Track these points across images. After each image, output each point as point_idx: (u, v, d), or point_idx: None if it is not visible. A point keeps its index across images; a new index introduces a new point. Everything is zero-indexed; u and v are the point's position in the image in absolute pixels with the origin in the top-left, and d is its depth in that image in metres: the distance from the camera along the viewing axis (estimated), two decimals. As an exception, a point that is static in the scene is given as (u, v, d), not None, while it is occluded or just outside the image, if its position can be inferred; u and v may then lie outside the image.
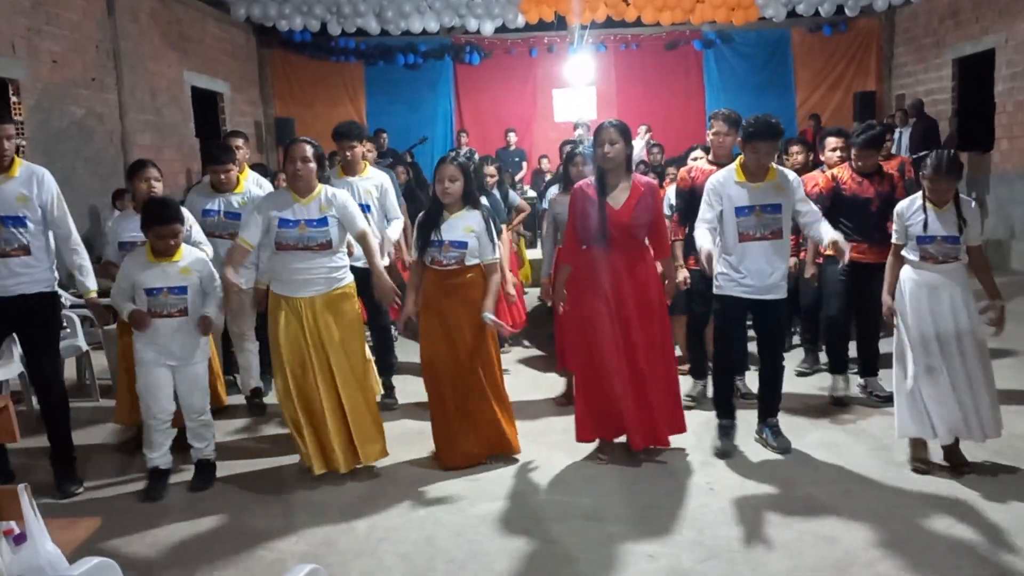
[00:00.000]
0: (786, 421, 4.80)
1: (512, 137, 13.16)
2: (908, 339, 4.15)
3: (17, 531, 2.30)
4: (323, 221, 4.26)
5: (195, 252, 4.40)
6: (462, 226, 4.39)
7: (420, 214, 4.60)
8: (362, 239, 4.43)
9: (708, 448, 4.60)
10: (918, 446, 4.24)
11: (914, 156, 10.91)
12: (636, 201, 4.30)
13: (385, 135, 13.13)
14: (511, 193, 7.60)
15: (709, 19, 12.02)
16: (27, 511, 2.30)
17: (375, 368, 5.09)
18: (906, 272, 4.22)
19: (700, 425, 4.90)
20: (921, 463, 4.20)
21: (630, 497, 4.03)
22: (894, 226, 4.28)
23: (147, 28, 10.14)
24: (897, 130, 11.70)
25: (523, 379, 6.22)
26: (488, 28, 12.30)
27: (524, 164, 13.35)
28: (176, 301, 4.22)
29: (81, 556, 2.28)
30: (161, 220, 4.15)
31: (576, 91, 14.36)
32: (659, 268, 4.52)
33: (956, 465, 4.16)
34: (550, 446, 4.69)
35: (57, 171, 7.54)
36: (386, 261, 5.25)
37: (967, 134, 11.81)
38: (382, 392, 5.46)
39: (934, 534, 3.53)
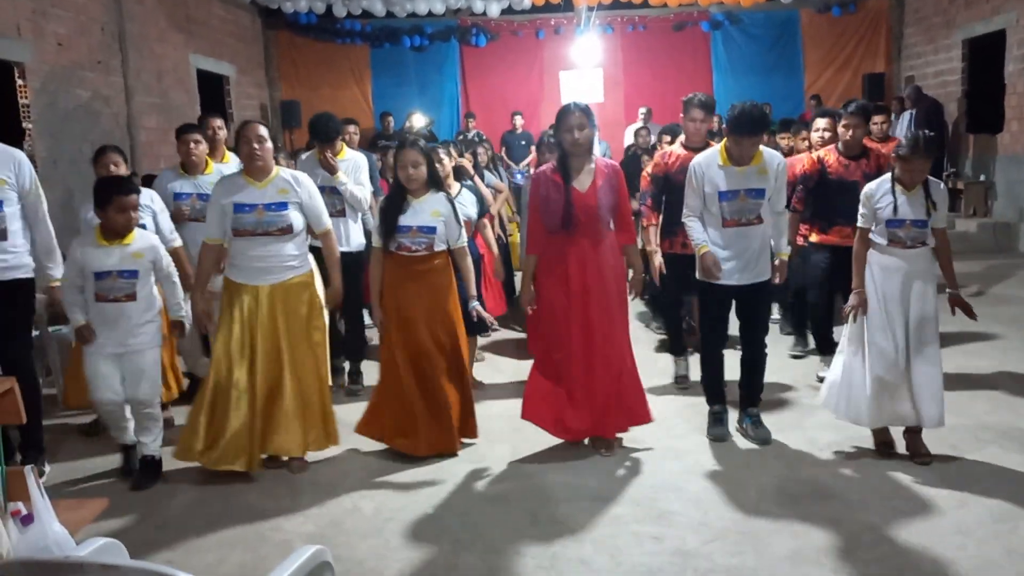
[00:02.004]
0: (788, 405, 4.81)
1: (519, 120, 13.10)
2: (868, 325, 4.06)
3: (24, 512, 2.32)
4: (282, 205, 4.11)
5: (148, 236, 4.27)
6: (429, 210, 4.31)
7: (381, 199, 4.52)
8: (325, 238, 4.34)
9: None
10: (881, 430, 4.22)
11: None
12: (601, 183, 4.23)
13: (391, 118, 13.11)
14: (487, 175, 7.54)
15: (716, 0, 11.92)
16: (34, 492, 2.32)
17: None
18: (872, 256, 4.10)
19: (704, 406, 4.90)
20: (885, 446, 4.19)
21: (635, 479, 4.04)
22: (861, 209, 4.13)
23: (153, 10, 10.11)
24: (906, 112, 11.61)
25: (519, 363, 6.21)
26: (495, 10, 12.22)
27: (532, 148, 13.29)
28: (124, 285, 4.06)
29: (88, 537, 2.30)
30: (117, 191, 4.01)
31: (583, 73, 14.27)
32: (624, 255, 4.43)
33: (915, 455, 4.09)
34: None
35: (64, 154, 7.57)
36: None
37: (976, 116, 11.70)
38: (347, 380, 5.54)
39: (939, 516, 3.53)
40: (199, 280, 4.26)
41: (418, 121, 12.92)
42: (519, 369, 5.81)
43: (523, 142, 12.85)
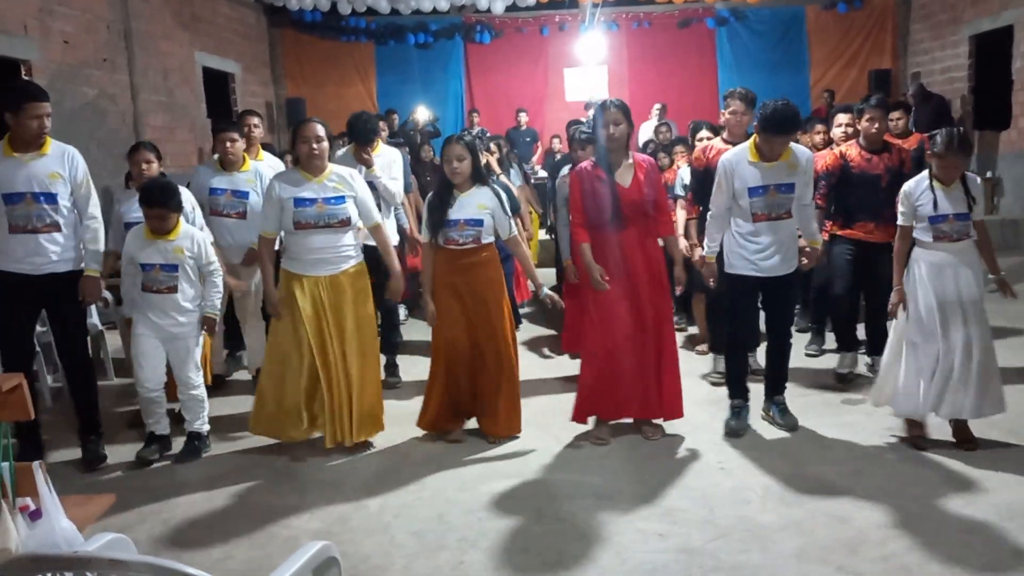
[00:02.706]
0: (797, 401, 4.80)
1: (523, 117, 13.10)
2: (918, 319, 4.13)
3: (32, 507, 2.33)
4: (340, 199, 4.32)
5: (192, 232, 4.47)
6: (475, 204, 4.39)
7: (429, 195, 4.60)
8: (376, 231, 4.51)
9: (719, 427, 4.59)
10: (915, 423, 4.26)
11: (929, 135, 10.81)
12: (643, 178, 4.34)
13: (395, 115, 13.10)
14: (512, 173, 7.54)
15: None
16: (42, 488, 2.32)
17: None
18: (918, 253, 4.19)
19: (712, 404, 4.91)
20: (919, 439, 4.22)
21: (640, 476, 4.04)
22: (900, 208, 4.22)
23: (158, 8, 10.13)
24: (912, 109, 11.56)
25: (534, 359, 6.23)
26: (499, 7, 12.21)
27: (536, 144, 13.29)
28: (166, 278, 4.34)
29: (96, 532, 2.30)
30: (149, 203, 4.27)
31: (588, 70, 14.26)
32: (663, 244, 4.56)
33: (963, 441, 4.16)
34: (561, 426, 4.69)
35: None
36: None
37: (983, 112, 11.66)
38: (383, 373, 5.52)
39: (946, 514, 3.52)
40: (268, 273, 4.42)
41: (422, 115, 12.95)
42: (531, 366, 5.82)
43: (527, 139, 12.85)
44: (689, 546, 3.32)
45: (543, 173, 11.22)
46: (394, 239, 5.52)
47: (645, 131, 11.90)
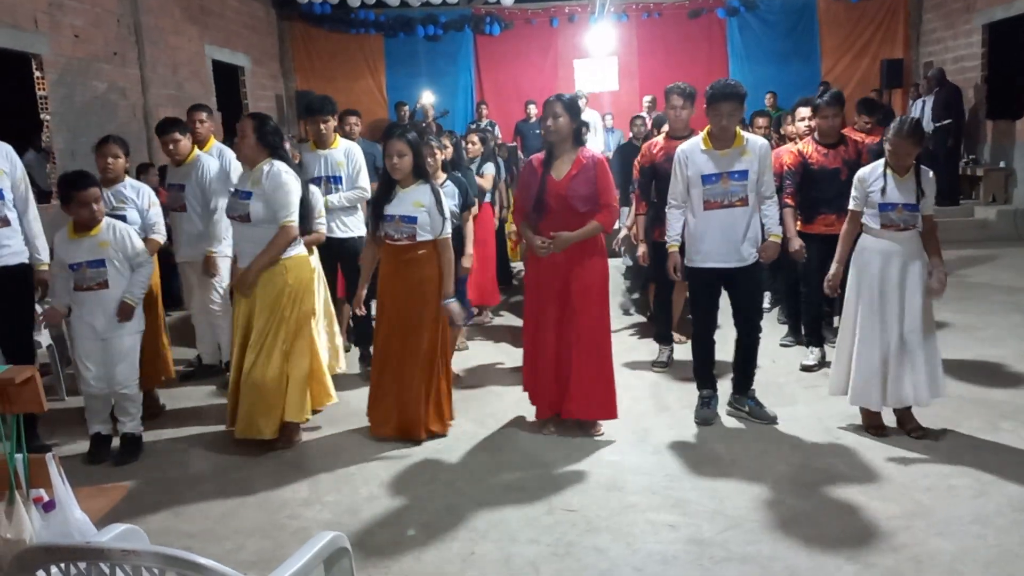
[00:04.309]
0: (805, 393, 4.79)
1: (532, 109, 13.03)
2: (861, 306, 4.20)
3: (47, 499, 2.35)
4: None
5: (114, 223, 4.44)
6: (412, 200, 4.39)
7: (374, 188, 4.67)
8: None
9: (725, 419, 4.59)
10: (871, 412, 4.30)
11: (936, 124, 10.73)
12: (576, 172, 4.29)
13: (406, 108, 13.10)
14: (487, 165, 7.33)
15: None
16: (56, 479, 2.35)
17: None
18: (866, 241, 4.24)
19: (722, 395, 4.89)
20: (876, 428, 4.27)
21: (649, 468, 4.04)
22: (853, 192, 4.28)
23: (168, 2, 10.13)
24: (920, 99, 11.50)
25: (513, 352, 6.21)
26: (508, -2, 12.17)
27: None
28: (94, 274, 4.31)
29: (109, 523, 2.32)
30: (78, 186, 4.24)
31: (597, 61, 14.19)
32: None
33: (910, 431, 4.22)
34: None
35: (82, 145, 7.61)
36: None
37: (996, 101, 11.56)
38: (359, 365, 5.76)
39: (957, 504, 3.51)
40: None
41: (427, 99, 13.04)
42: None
43: (537, 131, 12.78)
44: (699, 537, 3.33)
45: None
46: (347, 231, 5.64)
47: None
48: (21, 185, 4.44)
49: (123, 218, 4.79)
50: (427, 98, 13.15)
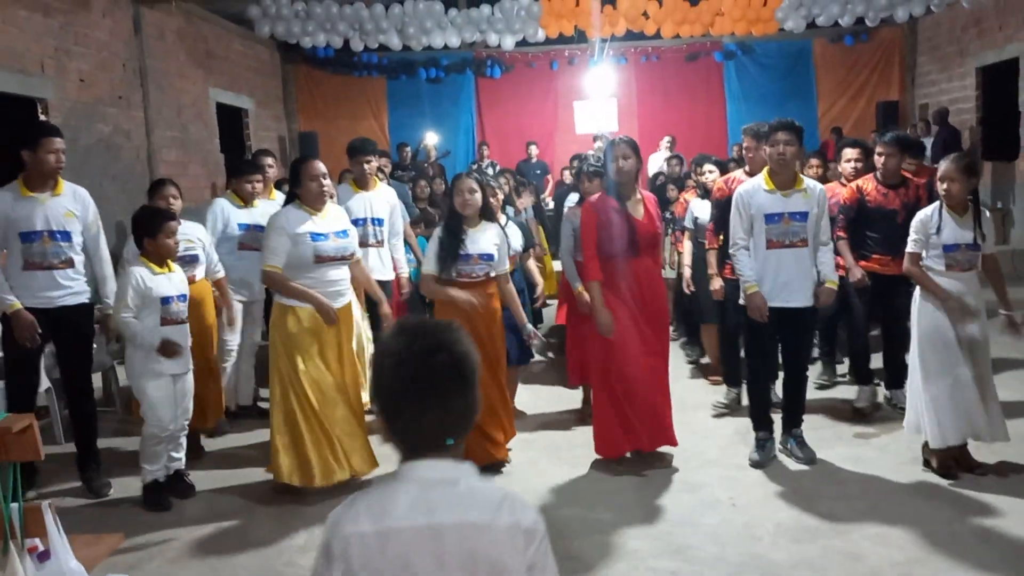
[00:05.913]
0: (810, 434, 4.75)
1: (533, 150, 13.18)
2: (929, 347, 4.17)
3: (41, 548, 2.33)
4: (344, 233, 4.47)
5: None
6: (487, 239, 4.50)
7: (438, 228, 4.65)
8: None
9: (730, 462, 4.56)
10: (941, 453, 4.22)
11: (936, 166, 10.81)
12: (652, 210, 4.51)
13: (408, 148, 13.22)
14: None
15: (728, 32, 11.96)
16: (51, 528, 2.33)
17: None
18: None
19: (724, 437, 4.88)
20: (949, 469, 4.21)
21: (651, 512, 4.01)
22: (912, 235, 4.26)
23: (173, 46, 10.28)
24: (928, 138, 11.59)
25: (543, 392, 6.20)
26: (509, 42, 12.31)
27: (547, 177, 13.35)
28: (184, 308, 4.36)
29: (104, 571, 2.30)
30: (166, 216, 4.33)
31: (597, 103, 14.35)
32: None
33: (968, 468, 4.21)
34: (570, 460, 4.67)
35: (85, 188, 7.65)
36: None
37: (991, 143, 11.66)
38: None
39: (962, 551, 3.47)
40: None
41: (431, 139, 13.18)
42: (541, 399, 5.81)
43: (538, 171, 12.91)
44: (700, 585, 3.29)
45: (553, 205, 11.23)
46: (387, 273, 5.59)
47: (654, 163, 11.94)
48: (93, 227, 4.55)
49: (196, 258, 4.91)
50: (430, 139, 13.30)
